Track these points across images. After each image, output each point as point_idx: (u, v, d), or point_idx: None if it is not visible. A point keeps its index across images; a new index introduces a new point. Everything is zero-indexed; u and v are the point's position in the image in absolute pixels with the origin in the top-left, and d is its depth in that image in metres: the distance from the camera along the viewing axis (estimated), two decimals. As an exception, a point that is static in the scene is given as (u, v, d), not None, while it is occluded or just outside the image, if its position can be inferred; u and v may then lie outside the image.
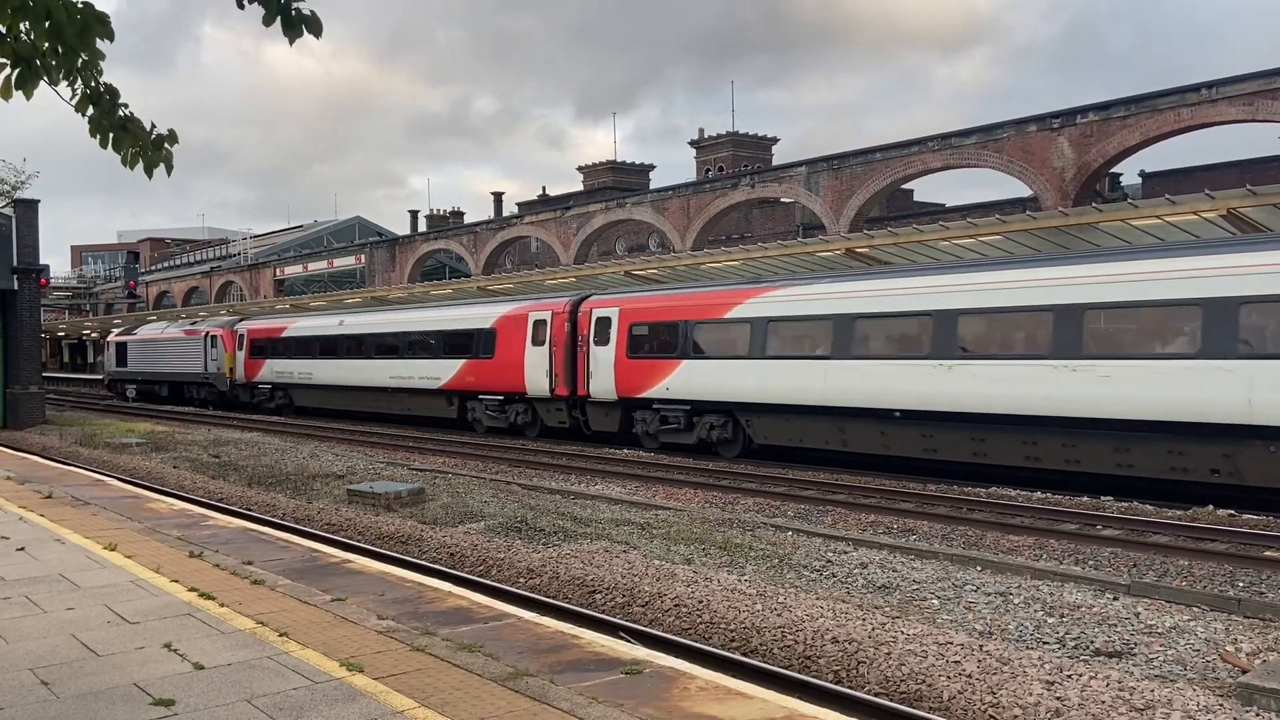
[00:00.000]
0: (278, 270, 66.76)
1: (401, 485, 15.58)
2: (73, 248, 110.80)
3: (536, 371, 23.97)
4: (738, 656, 7.55)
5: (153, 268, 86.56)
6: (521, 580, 10.10)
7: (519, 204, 69.35)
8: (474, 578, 10.14)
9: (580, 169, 72.85)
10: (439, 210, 75.49)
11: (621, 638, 7.46)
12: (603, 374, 22.19)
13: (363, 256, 59.76)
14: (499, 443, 23.89)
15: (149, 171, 4.23)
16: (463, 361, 26.54)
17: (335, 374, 32.23)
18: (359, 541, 12.22)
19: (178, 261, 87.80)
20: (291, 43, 4.10)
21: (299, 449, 23.19)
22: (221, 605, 7.38)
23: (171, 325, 45.68)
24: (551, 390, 23.63)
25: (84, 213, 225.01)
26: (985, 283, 16.09)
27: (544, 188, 73.44)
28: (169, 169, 4.28)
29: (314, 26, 4.07)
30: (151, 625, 6.84)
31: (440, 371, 27.38)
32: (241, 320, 39.79)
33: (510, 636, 7.00)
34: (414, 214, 75.95)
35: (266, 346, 36.49)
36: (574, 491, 16.30)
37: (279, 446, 23.69)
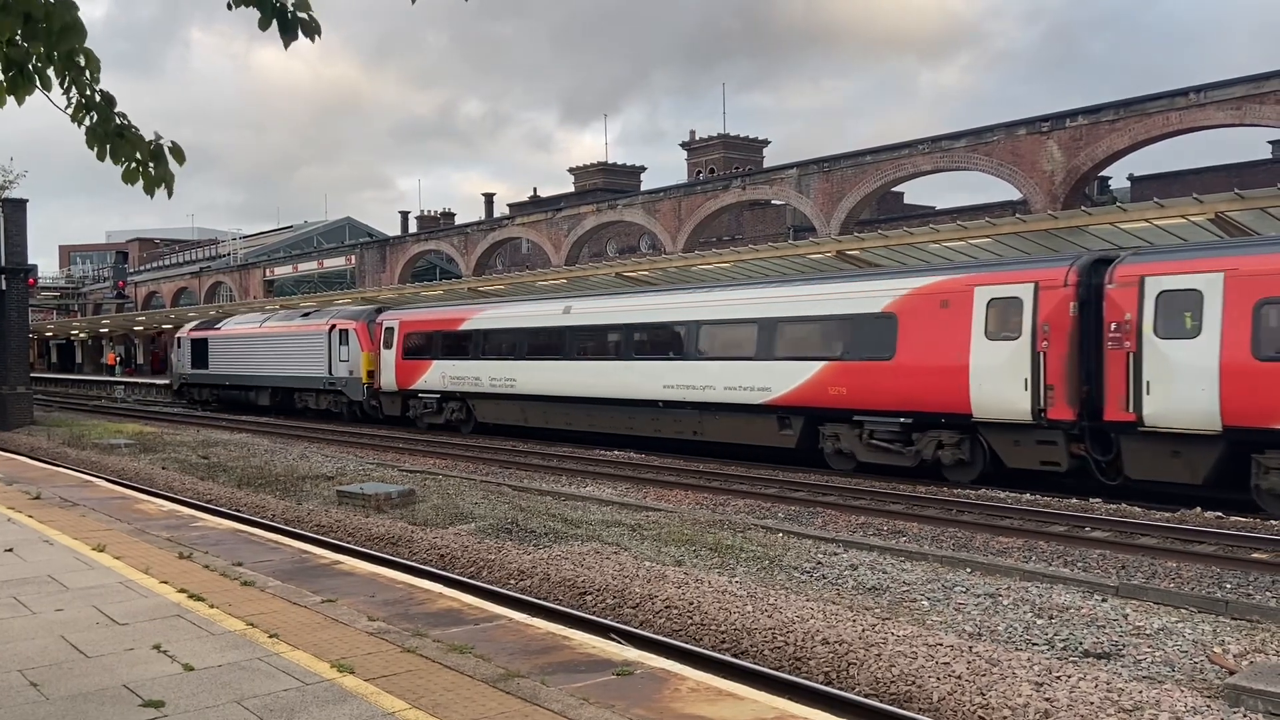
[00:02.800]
0: (267, 271, 66.55)
1: (392, 487, 15.56)
2: (61, 248, 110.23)
3: (999, 381, 15.27)
4: (729, 658, 7.57)
5: (141, 268, 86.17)
6: (512, 582, 10.10)
7: (510, 205, 69.34)
8: (465, 579, 10.13)
9: (571, 170, 72.93)
10: (430, 211, 75.44)
11: (612, 639, 7.47)
12: (1183, 384, 13.38)
13: (353, 257, 59.62)
14: (489, 444, 23.85)
15: (150, 190, 4.14)
16: (821, 364, 17.59)
17: (558, 380, 23.11)
18: (349, 543, 12.20)
19: (167, 262, 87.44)
20: (287, 46, 4.00)
21: (288, 450, 23.13)
22: (211, 606, 7.36)
23: (274, 317, 36.38)
24: (1038, 411, 14.83)
25: (72, 213, 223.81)
26: None
27: (535, 189, 73.36)
28: (169, 190, 4.19)
29: (309, 29, 4.03)
30: (141, 626, 6.82)
31: (771, 379, 18.42)
32: (384, 310, 30.93)
33: (501, 638, 6.99)
34: (404, 215, 75.94)
35: (434, 343, 27.14)
36: (564, 493, 16.30)
37: (268, 448, 23.62)
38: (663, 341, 21.02)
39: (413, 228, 71.29)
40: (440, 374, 26.84)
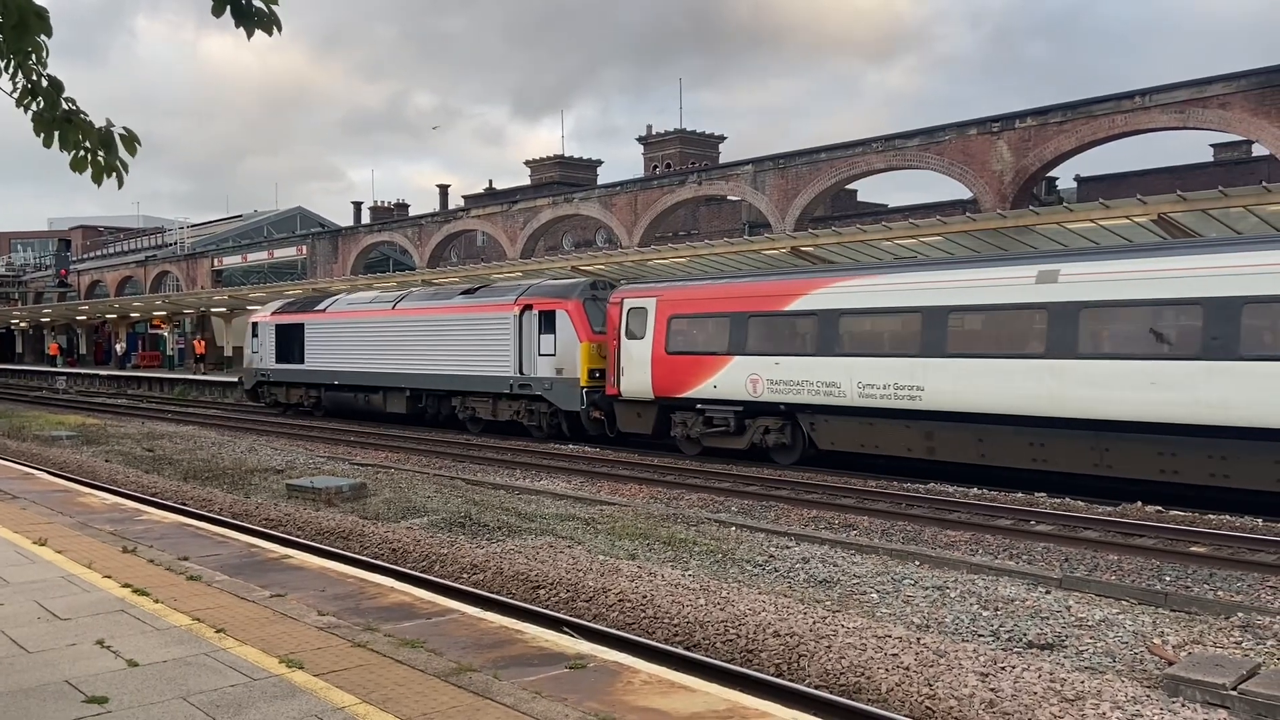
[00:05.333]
0: (216, 260, 65.40)
1: (343, 480, 15.40)
2: (1, 235, 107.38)
3: None
4: (681, 651, 7.61)
5: (84, 256, 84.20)
6: (465, 576, 10.05)
7: (465, 197, 68.83)
8: (417, 573, 10.06)
9: (527, 163, 72.49)
10: (383, 202, 74.63)
11: (566, 633, 7.47)
12: None
13: (304, 247, 58.78)
14: (442, 438, 23.68)
15: (98, 179, 4.01)
16: None
17: (1034, 392, 14.31)
18: (299, 537, 12.05)
19: (111, 250, 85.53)
20: (250, 36, 3.84)
21: (236, 443, 22.77)
22: (156, 601, 7.24)
23: (412, 296, 27.43)
24: None
25: (13, 199, 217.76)
26: None
27: (490, 181, 72.90)
28: (120, 179, 4.06)
29: (268, 22, 3.90)
30: (84, 622, 6.69)
31: None
32: (599, 284, 22.96)
33: (453, 632, 6.96)
34: (357, 205, 74.99)
35: (733, 331, 18.52)
36: (518, 487, 16.25)
37: (216, 440, 23.24)
38: None
39: (365, 219, 70.46)
40: (744, 376, 18.11)
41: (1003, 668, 6.76)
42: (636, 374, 19.94)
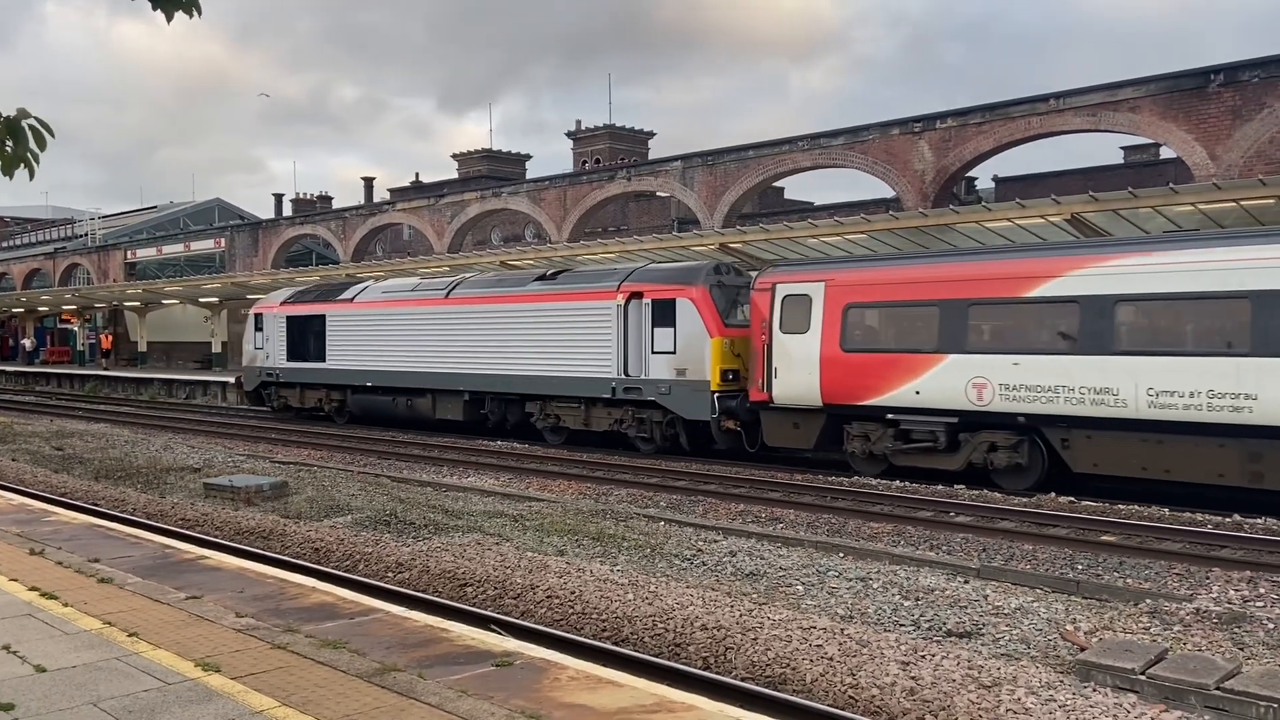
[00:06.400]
0: (129, 253, 63.29)
1: (263, 479, 15.05)
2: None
3: None
4: (609, 646, 7.61)
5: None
6: (390, 574, 9.91)
7: (391, 190, 67.85)
8: (340, 573, 9.89)
9: (455, 156, 71.75)
10: (306, 194, 73.09)
11: (493, 630, 7.41)
12: None
13: (223, 240, 57.24)
14: (366, 434, 23.30)
15: (8, 171, 3.82)
16: None
17: None
18: (216, 537, 11.75)
19: (17, 242, 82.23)
20: (169, 19, 3.70)
21: (151, 441, 22.10)
22: (65, 605, 6.99)
23: (468, 283, 23.28)
24: None
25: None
26: None
27: (417, 174, 72.09)
28: (31, 171, 3.88)
29: (186, 4, 3.75)
30: (-14, 628, 6.42)
31: None
32: (721, 269, 19.18)
33: (377, 632, 6.86)
34: (278, 197, 73.29)
35: (939, 323, 15.01)
36: (445, 484, 16.08)
37: (129, 439, 22.51)
38: None
39: (287, 211, 68.90)
40: (964, 380, 14.60)
41: (923, 656, 6.91)
42: (797, 376, 16.41)
